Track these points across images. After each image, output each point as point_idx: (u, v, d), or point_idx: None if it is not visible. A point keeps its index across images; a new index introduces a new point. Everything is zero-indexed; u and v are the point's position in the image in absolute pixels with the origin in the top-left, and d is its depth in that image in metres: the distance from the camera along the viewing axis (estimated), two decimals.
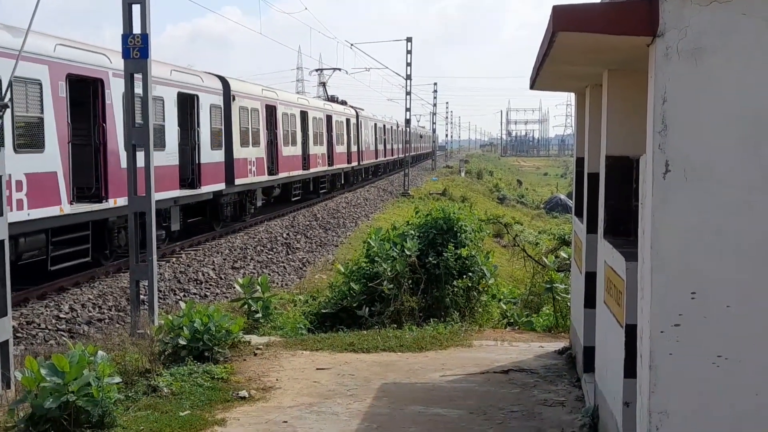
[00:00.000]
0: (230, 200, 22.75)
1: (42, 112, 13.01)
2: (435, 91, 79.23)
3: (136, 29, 8.87)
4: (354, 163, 41.12)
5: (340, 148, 37.23)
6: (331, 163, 35.14)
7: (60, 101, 13.51)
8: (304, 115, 30.46)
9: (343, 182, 39.51)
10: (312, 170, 31.38)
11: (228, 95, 21.93)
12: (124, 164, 14.14)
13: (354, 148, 40.97)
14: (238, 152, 22.50)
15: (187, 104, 19.43)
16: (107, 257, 15.93)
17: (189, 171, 19.65)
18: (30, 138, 12.81)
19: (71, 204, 13.90)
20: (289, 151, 28.15)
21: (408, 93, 45.99)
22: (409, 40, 44.12)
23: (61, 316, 12.16)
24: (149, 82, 9.00)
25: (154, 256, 9.12)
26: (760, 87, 3.28)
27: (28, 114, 12.73)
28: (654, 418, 3.44)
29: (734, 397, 3.38)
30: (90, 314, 12.49)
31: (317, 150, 32.41)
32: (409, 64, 44.82)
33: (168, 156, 17.86)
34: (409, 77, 45.36)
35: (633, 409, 4.01)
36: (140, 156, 14.82)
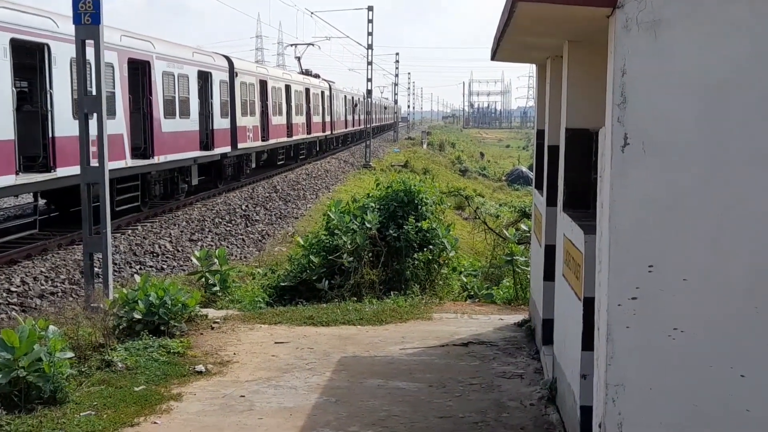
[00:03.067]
0: (231, 162, 26.42)
1: (114, 88, 17.06)
2: (397, 61, 78.78)
3: None
4: (328, 132, 44.42)
5: (316, 118, 40.40)
6: (309, 132, 38.55)
7: (124, 79, 17.62)
8: (288, 88, 33.90)
9: (318, 149, 42.74)
10: (294, 138, 35.10)
11: (232, 72, 25.54)
12: (165, 129, 19.86)
13: (328, 119, 44.13)
14: (240, 121, 26.14)
15: (203, 80, 23.07)
16: (146, 204, 19.54)
17: (204, 136, 23.35)
18: (108, 108, 16.15)
19: (131, 159, 18.04)
20: (277, 120, 31.79)
21: (369, 63, 45.59)
22: (370, 8, 43.63)
23: (12, 289, 11.87)
24: (101, 49, 8.72)
25: (108, 228, 8.90)
26: (719, 60, 3.25)
27: (105, 90, 15.45)
28: (611, 391, 3.45)
29: (689, 369, 3.40)
30: (42, 288, 12.22)
31: (298, 120, 35.81)
32: (370, 34, 44.38)
33: (192, 123, 21.87)
34: (370, 47, 44.94)
35: (590, 381, 4.03)
36: (174, 123, 21.10)
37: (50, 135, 14.64)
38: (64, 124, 14.86)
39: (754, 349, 3.35)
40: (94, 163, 9.03)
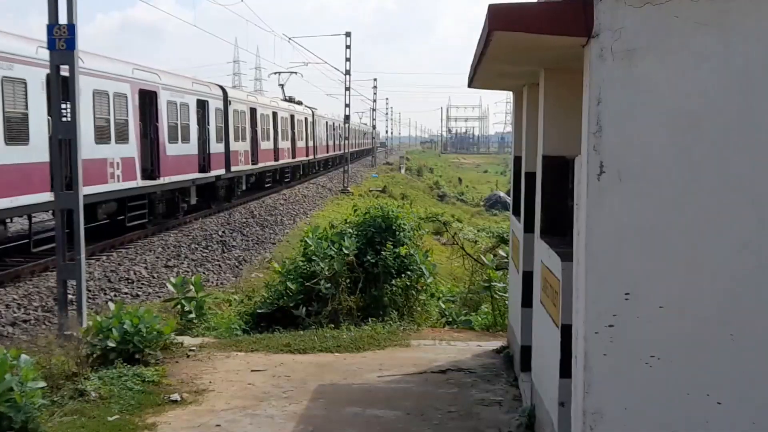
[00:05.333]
0: (224, 184, 28.29)
1: (127, 116, 19.18)
2: (375, 86, 79.03)
3: (63, 19, 8.53)
4: (311, 157, 46.79)
5: (300, 143, 42.82)
6: (294, 156, 40.84)
7: (136, 108, 19.68)
8: (275, 115, 36.24)
9: (302, 173, 44.99)
10: (280, 162, 37.46)
11: (226, 100, 27.69)
12: (169, 152, 21.98)
13: (311, 144, 46.59)
14: (233, 145, 28.35)
15: (201, 108, 25.14)
16: (150, 222, 21.18)
17: (202, 159, 25.26)
18: (123, 134, 19.06)
19: (142, 180, 20.09)
20: (265, 145, 34.25)
21: (347, 88, 45.76)
22: (348, 34, 43.87)
23: None
24: (77, 74, 8.67)
25: (82, 255, 8.78)
26: (690, 89, 3.31)
27: (121, 117, 18.94)
28: (588, 418, 3.45)
29: (666, 397, 3.41)
30: (15, 315, 12.00)
31: (284, 145, 38.23)
32: (348, 59, 44.58)
33: (191, 147, 23.97)
34: (348, 72, 45.13)
35: (568, 409, 4.02)
36: (177, 147, 23.87)
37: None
38: (88, 148, 16.53)
39: (731, 376, 3.36)
40: (114, 183, 8.93)
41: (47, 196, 14.92)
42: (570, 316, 3.83)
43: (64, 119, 8.92)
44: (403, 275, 10.31)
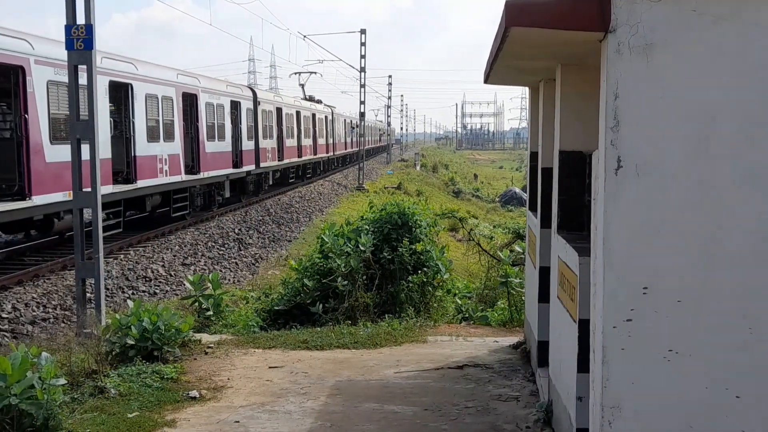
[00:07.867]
0: (253, 179, 30.14)
1: (173, 117, 21.26)
2: (390, 83, 79.03)
3: (81, 19, 8.59)
4: (330, 153, 48.87)
5: (321, 141, 44.66)
6: (315, 153, 42.84)
7: (180, 110, 21.80)
8: (298, 114, 38.29)
9: (322, 169, 46.80)
10: (303, 158, 39.54)
11: (255, 101, 29.77)
12: (207, 149, 24.03)
13: (330, 141, 48.66)
14: (262, 143, 30.43)
15: (234, 108, 27.18)
16: (190, 214, 22.96)
17: (235, 155, 27.25)
18: (169, 133, 21.02)
19: (185, 175, 22.05)
20: (290, 143, 36.18)
21: (362, 86, 45.75)
22: (362, 32, 43.84)
23: (3, 315, 11.76)
24: (94, 74, 8.73)
25: (101, 254, 8.86)
26: (707, 83, 3.30)
27: (168, 118, 20.83)
28: (606, 413, 3.44)
29: (684, 391, 3.40)
30: (34, 314, 12.12)
31: (306, 142, 40.17)
32: (363, 57, 44.56)
33: (226, 144, 26.10)
34: (363, 70, 45.10)
35: (586, 403, 4.02)
36: (214, 145, 26.22)
37: (133, 154, 18.65)
38: (142, 146, 19.07)
39: (750, 370, 3.35)
40: (162, 177, 8.97)
41: (109, 189, 16.65)
42: (587, 310, 3.83)
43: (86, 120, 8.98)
44: (419, 271, 10.33)
